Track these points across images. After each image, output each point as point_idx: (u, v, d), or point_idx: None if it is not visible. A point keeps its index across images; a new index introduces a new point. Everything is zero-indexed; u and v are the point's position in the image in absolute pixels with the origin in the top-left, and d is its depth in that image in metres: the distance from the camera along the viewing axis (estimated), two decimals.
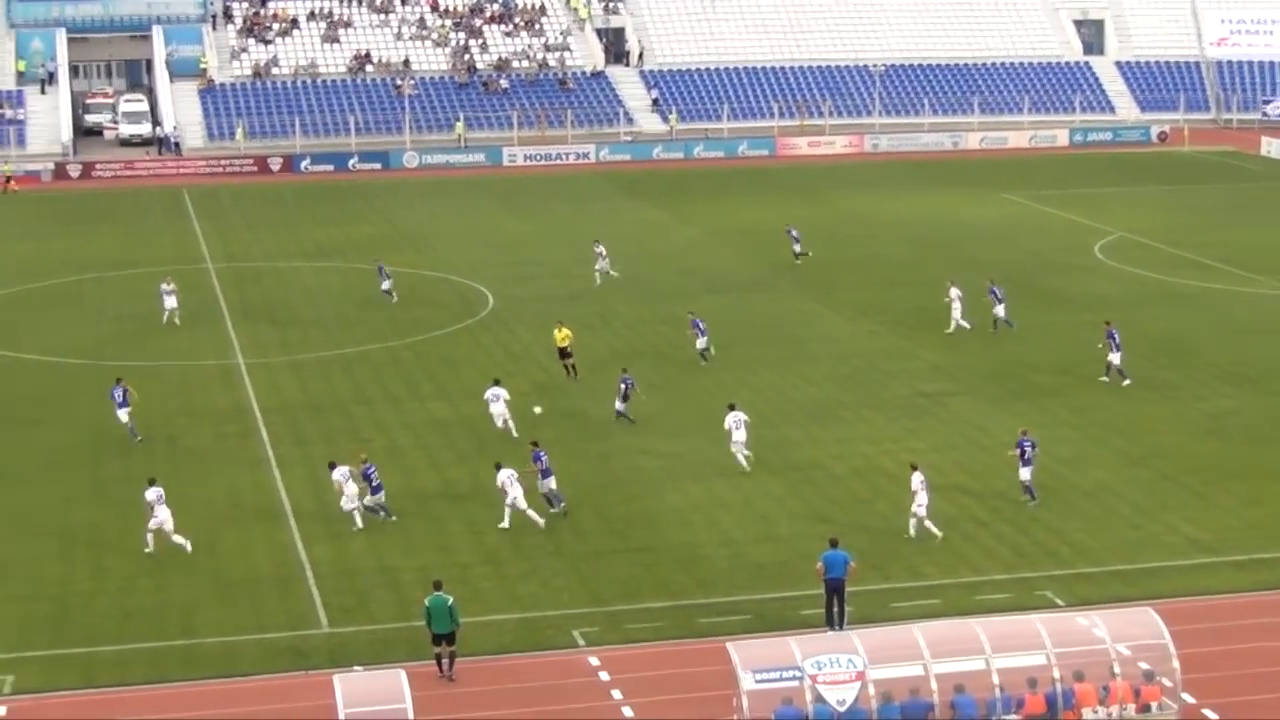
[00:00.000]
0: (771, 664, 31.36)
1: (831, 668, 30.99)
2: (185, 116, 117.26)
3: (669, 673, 35.40)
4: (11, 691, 34.84)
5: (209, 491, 46.45)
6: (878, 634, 33.13)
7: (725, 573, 40.67)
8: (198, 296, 71.20)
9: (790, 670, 31.09)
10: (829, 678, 30.88)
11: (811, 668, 30.94)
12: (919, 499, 41.97)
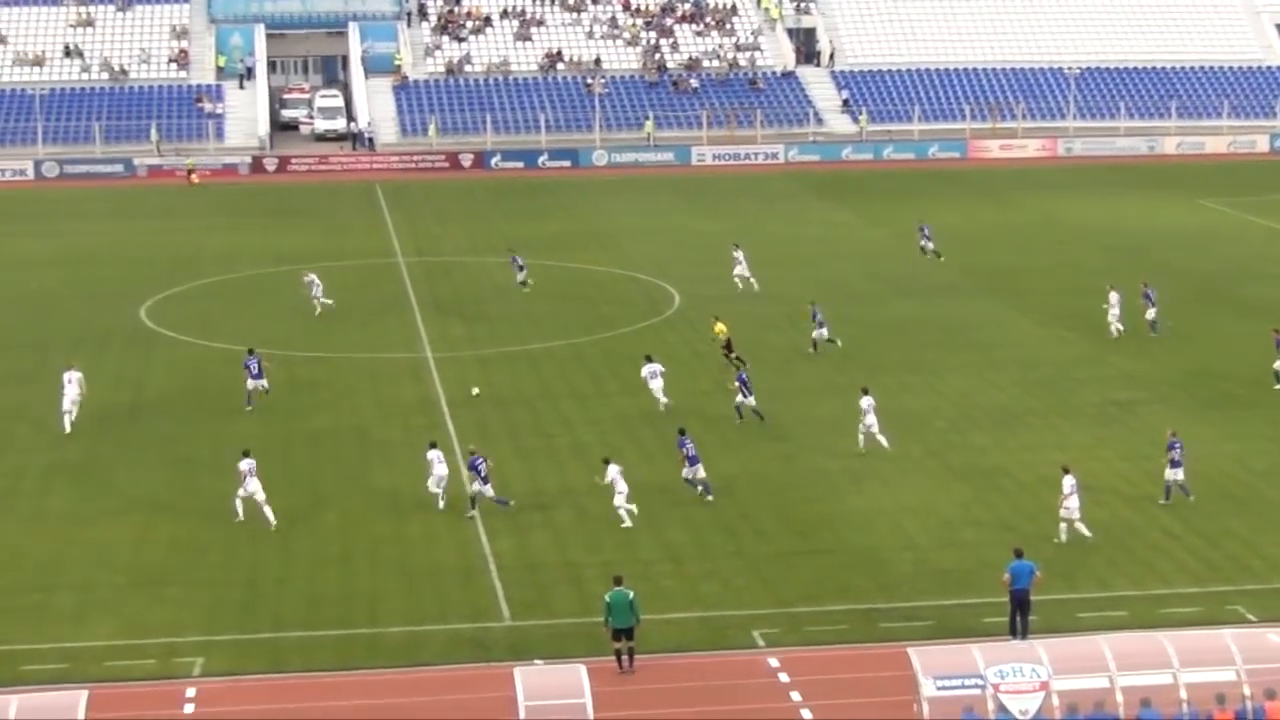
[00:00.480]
0: (953, 671, 31.07)
1: (1015, 677, 30.64)
2: (379, 112, 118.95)
3: (849, 676, 35.24)
4: (201, 674, 35.60)
5: (396, 483, 47.09)
6: (1063, 644, 32.70)
7: (908, 577, 40.39)
8: (388, 290, 72.26)
9: (973, 678, 30.78)
10: (1012, 687, 30.53)
11: (994, 676, 30.63)
12: (1069, 502, 41.75)
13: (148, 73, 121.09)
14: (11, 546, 42.60)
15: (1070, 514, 41.95)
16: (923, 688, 30.84)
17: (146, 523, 44.26)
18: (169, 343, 63.54)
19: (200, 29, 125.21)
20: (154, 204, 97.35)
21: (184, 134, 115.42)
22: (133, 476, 47.93)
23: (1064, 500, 41.99)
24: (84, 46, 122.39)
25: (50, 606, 38.91)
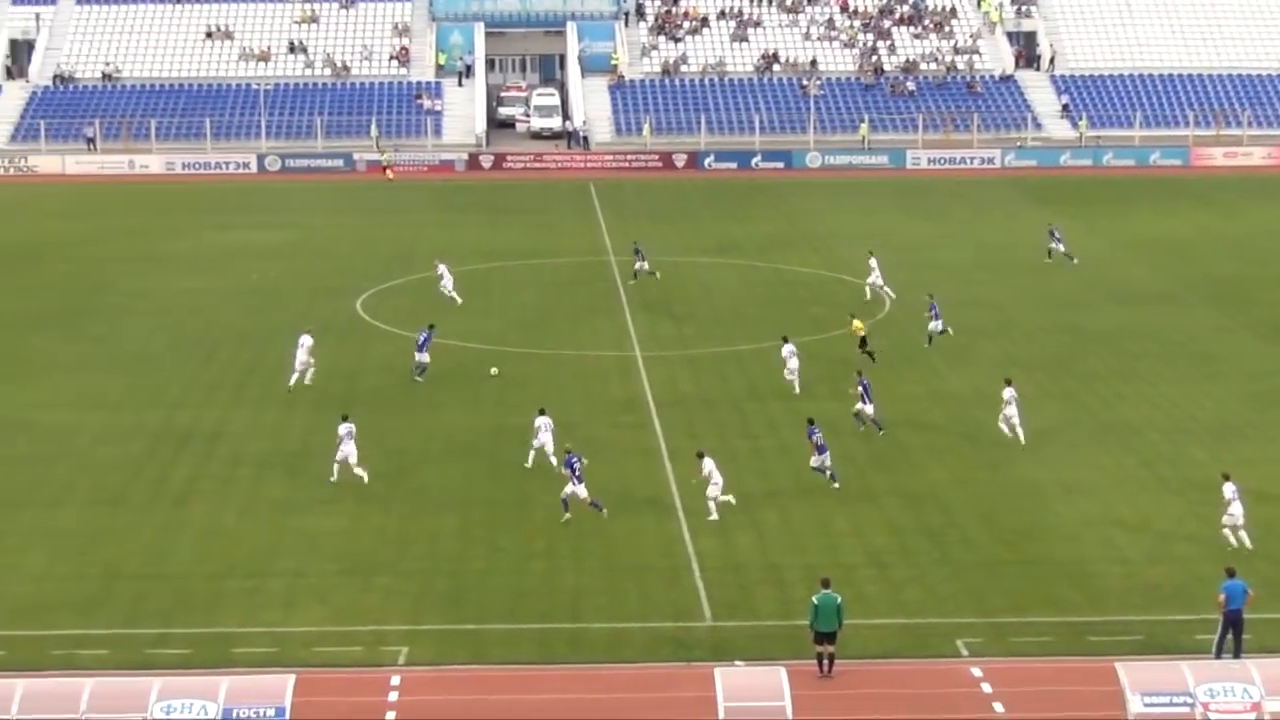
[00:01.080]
0: (1162, 688, 30.55)
1: (1225, 697, 30.04)
2: (594, 111, 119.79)
3: (1054, 689, 34.73)
4: (406, 662, 36.13)
5: (603, 479, 47.30)
6: (1276, 665, 31.92)
7: (1117, 591, 39.70)
8: (598, 288, 72.75)
9: (1181, 696, 30.24)
10: (1222, 707, 29.95)
11: (1204, 695, 30.05)
12: (1232, 509, 41.45)
13: (369, 69, 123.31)
14: (227, 532, 43.62)
15: (1234, 520, 41.54)
16: (1130, 704, 30.37)
17: (357, 512, 45.05)
18: (383, 336, 64.62)
19: (421, 27, 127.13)
20: (372, 199, 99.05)
21: (403, 130, 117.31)
22: (344, 467, 48.75)
23: (1227, 508, 41.64)
24: (308, 43, 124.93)
25: (262, 592, 39.78)
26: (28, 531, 43.74)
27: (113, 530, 43.80)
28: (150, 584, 40.27)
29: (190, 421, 53.21)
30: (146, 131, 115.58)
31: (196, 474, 48.34)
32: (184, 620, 38.13)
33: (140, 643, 36.90)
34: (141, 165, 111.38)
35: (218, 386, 57.39)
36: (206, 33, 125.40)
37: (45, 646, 36.64)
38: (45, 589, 39.99)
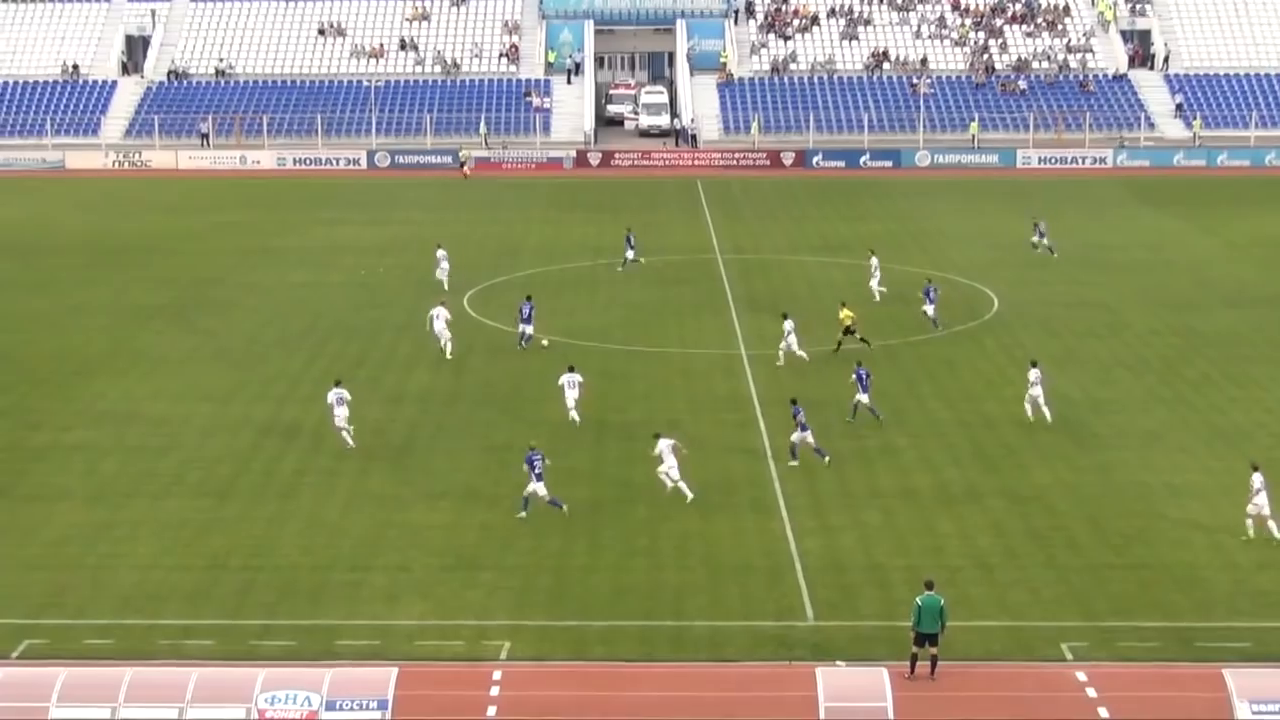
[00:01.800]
0: (1271, 695, 30.11)
1: None
2: (703, 109, 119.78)
3: (1160, 695, 34.31)
4: (508, 658, 36.24)
5: (705, 477, 47.29)
6: None
7: (1226, 597, 39.16)
8: (704, 287, 72.71)
9: None
10: None
11: None
12: (1258, 499, 41.96)
13: (479, 67, 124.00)
14: (332, 525, 43.94)
15: (1259, 510, 41.99)
16: (1237, 710, 29.97)
17: (460, 507, 45.25)
18: (489, 331, 64.88)
19: (531, 24, 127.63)
20: (479, 195, 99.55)
21: (511, 128, 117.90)
22: (449, 462, 49.06)
23: (1252, 497, 42.14)
24: (419, 40, 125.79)
25: (366, 585, 40.03)
26: (136, 521, 44.28)
27: (219, 521, 44.26)
28: (256, 575, 40.65)
29: (297, 415, 53.68)
30: (259, 127, 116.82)
31: (302, 467, 48.74)
32: (288, 612, 38.45)
33: (245, 634, 37.26)
34: (253, 161, 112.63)
35: (325, 381, 57.71)
36: (319, 29, 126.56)
37: (152, 636, 37.09)
38: (153, 579, 40.46)
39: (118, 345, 62.47)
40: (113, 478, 47.89)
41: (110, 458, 49.65)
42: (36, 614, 38.39)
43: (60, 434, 51.86)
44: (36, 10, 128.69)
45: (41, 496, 46.30)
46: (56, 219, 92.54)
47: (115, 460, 49.43)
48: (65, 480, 47.63)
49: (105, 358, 59.27)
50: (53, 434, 51.81)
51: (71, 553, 42.14)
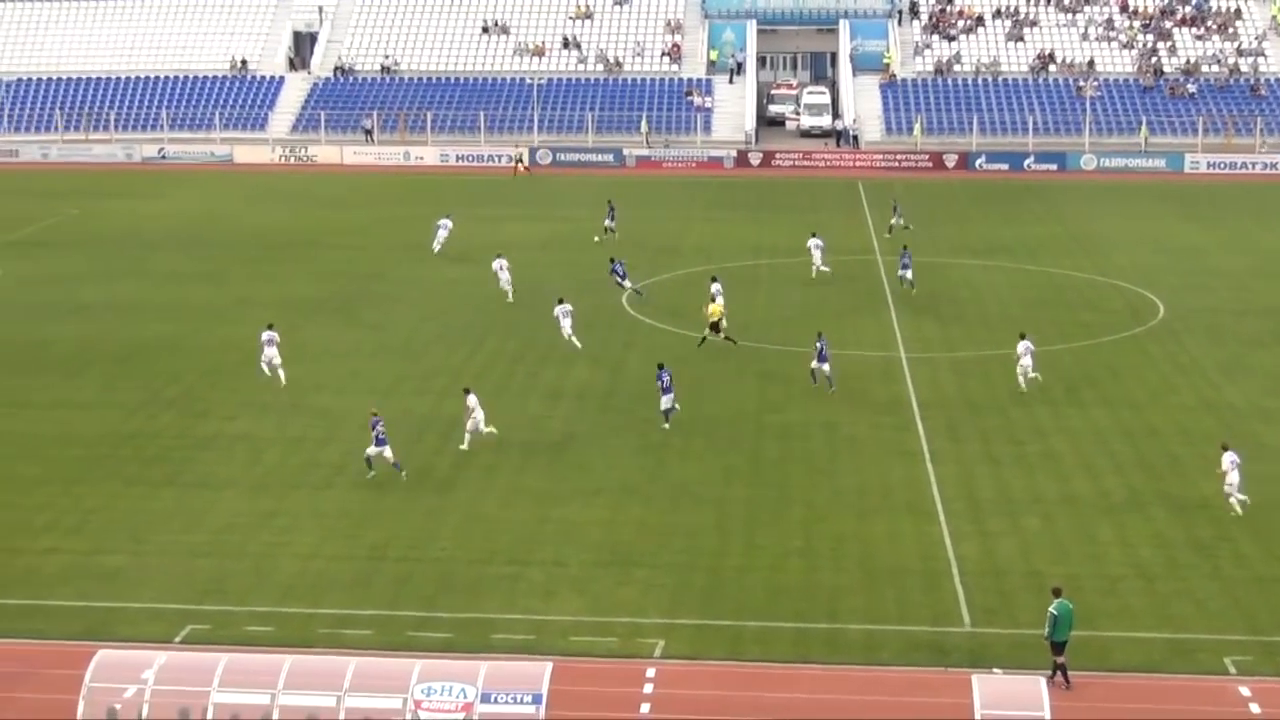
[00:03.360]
0: None
1: None
2: (865, 110, 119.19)
3: None
4: (662, 655, 36.29)
5: (862, 480, 47.10)
6: None
7: None
8: (864, 288, 72.35)
9: None
10: None
11: None
12: (1229, 479, 43.80)
13: (641, 65, 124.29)
14: (490, 519, 44.26)
15: (1231, 490, 43.88)
16: None
17: (617, 504, 45.39)
18: (647, 329, 65.01)
19: (694, 23, 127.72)
20: (641, 193, 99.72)
21: (672, 126, 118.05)
22: (607, 458, 49.22)
23: (1226, 476, 44.01)
24: (581, 38, 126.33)
25: (522, 579, 40.27)
26: (298, 512, 44.92)
27: (379, 513, 44.76)
28: (414, 567, 41.07)
29: (456, 409, 54.03)
30: (422, 124, 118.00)
31: (461, 461, 49.14)
32: (446, 604, 38.80)
33: (403, 624, 37.65)
34: (417, 157, 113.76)
35: (484, 376, 58.24)
36: (483, 27, 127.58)
37: (312, 625, 37.60)
38: (313, 568, 41.02)
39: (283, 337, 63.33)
40: (276, 467, 48.63)
41: (274, 448, 50.42)
42: (200, 600, 39.08)
43: (226, 423, 52.74)
44: (207, 6, 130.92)
45: (207, 484, 47.13)
46: (225, 212, 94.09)
47: (278, 450, 50.19)
48: (230, 469, 48.45)
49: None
50: (218, 423, 52.69)
51: (235, 540, 42.84)
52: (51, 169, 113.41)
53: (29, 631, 37.44)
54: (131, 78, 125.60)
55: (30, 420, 53.38)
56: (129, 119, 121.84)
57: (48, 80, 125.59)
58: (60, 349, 61.81)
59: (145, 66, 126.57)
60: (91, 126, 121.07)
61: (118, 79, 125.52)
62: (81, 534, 43.45)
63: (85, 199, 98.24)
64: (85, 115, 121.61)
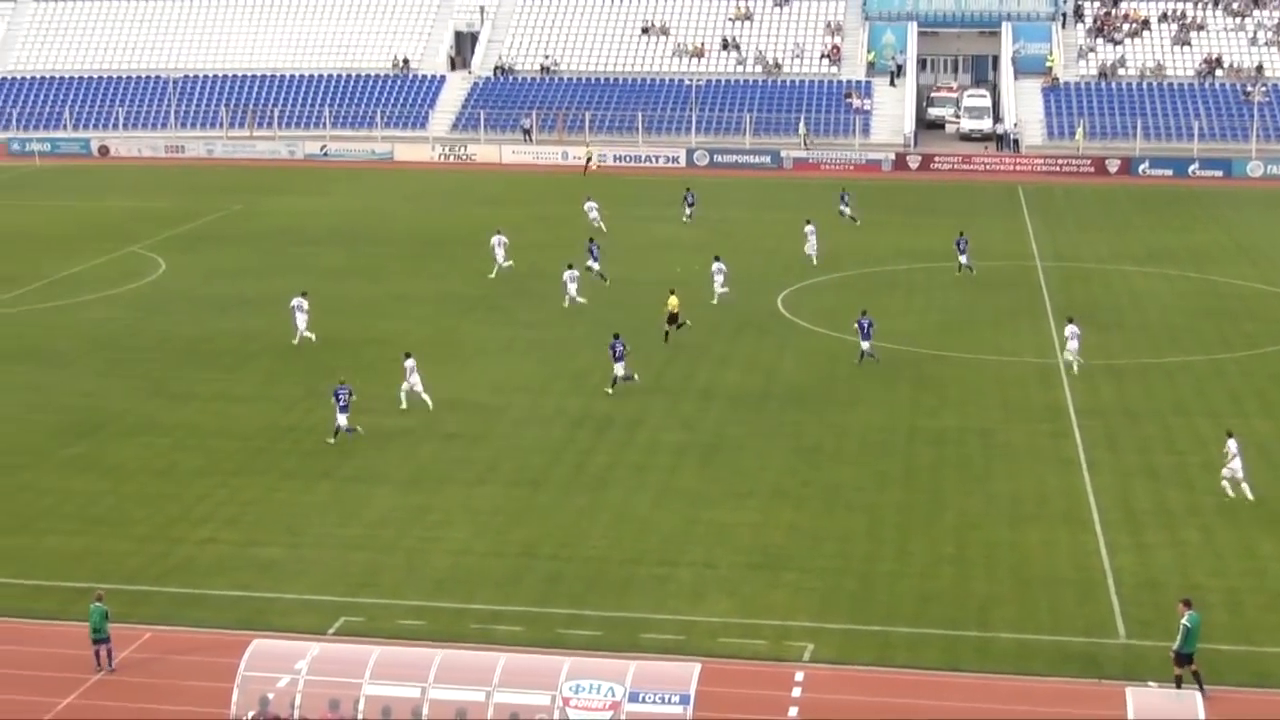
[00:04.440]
0: None
1: None
2: (1026, 114, 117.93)
3: None
4: (810, 659, 36.18)
5: (1016, 488, 46.64)
6: None
7: None
8: (1023, 294, 71.61)
9: None
10: None
11: None
12: (1233, 463, 44.74)
13: (800, 67, 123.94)
14: (641, 519, 44.38)
15: (1234, 474, 44.75)
16: None
17: (768, 507, 45.32)
18: (802, 332, 64.82)
19: (854, 25, 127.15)
20: (797, 196, 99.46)
21: (830, 129, 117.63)
22: (758, 461, 49.15)
23: (1228, 462, 44.87)
24: (741, 40, 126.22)
25: (672, 580, 40.33)
26: (452, 507, 45.33)
27: (531, 510, 45.05)
28: (565, 565, 41.28)
29: (610, 409, 54.35)
30: (581, 124, 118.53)
31: (614, 460, 49.32)
32: (595, 603, 38.95)
33: (553, 622, 37.86)
34: (574, 156, 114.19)
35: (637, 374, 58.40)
36: (642, 28, 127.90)
37: (463, 620, 37.93)
38: (465, 564, 41.37)
39: (439, 334, 63.96)
40: (430, 463, 49.11)
41: (428, 444, 50.91)
42: (354, 592, 39.57)
43: (382, 419, 53.32)
44: (371, 5, 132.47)
45: (362, 479, 47.70)
46: (384, 209, 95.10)
47: (433, 446, 50.67)
48: (385, 464, 49.00)
49: (427, 346, 60.73)
50: (375, 419, 53.27)
51: (389, 535, 43.33)
52: (216, 165, 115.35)
53: (187, 620, 38.14)
54: (296, 76, 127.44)
55: (193, 412, 54.35)
56: (293, 116, 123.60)
57: (214, 78, 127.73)
58: (222, 342, 62.86)
59: (309, 65, 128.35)
60: (256, 123, 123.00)
61: (282, 77, 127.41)
62: (239, 525, 44.18)
63: (248, 195, 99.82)
64: (250, 112, 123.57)
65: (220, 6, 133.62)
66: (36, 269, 76.43)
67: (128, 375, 58.66)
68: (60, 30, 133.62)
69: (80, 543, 42.96)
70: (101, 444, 51.26)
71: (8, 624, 38.10)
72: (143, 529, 43.85)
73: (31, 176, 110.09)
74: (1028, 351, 61.85)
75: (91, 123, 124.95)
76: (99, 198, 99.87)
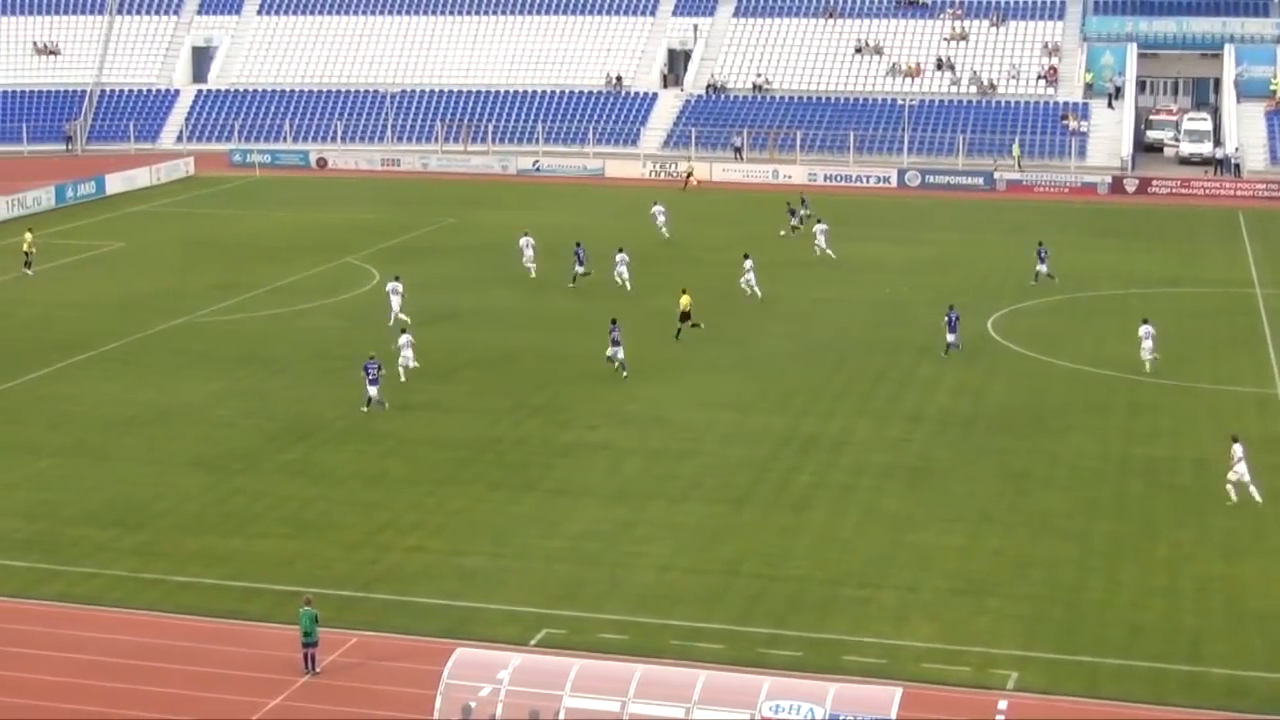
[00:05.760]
0: None
1: None
2: (1249, 138, 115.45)
3: None
4: (1015, 688, 35.70)
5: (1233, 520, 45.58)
6: None
7: None
8: (1241, 322, 70.06)
9: None
10: None
11: None
12: (1239, 467, 46.12)
13: (1015, 88, 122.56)
14: (844, 541, 44.16)
15: (1240, 477, 46.07)
16: None
17: (974, 532, 44.83)
18: (1012, 356, 64.03)
19: (1072, 46, 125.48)
20: (1010, 218, 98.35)
21: (1045, 151, 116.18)
22: (965, 485, 48.65)
23: (1234, 465, 46.19)
24: (955, 60, 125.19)
25: (874, 602, 40.06)
26: (655, 523, 45.47)
27: (734, 529, 45.04)
28: (767, 584, 41.20)
29: (815, 428, 54.17)
30: (791, 143, 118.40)
31: (818, 480, 49.14)
32: (796, 623, 38.82)
33: (753, 641, 37.80)
34: (784, 175, 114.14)
35: (844, 395, 58.18)
36: (856, 48, 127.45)
37: (664, 635, 38.03)
38: (667, 580, 41.47)
39: (646, 350, 64.18)
40: (634, 478, 49.32)
41: (633, 459, 51.15)
42: (555, 604, 39.86)
43: (587, 432, 53.70)
44: (587, 24, 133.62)
45: (567, 491, 48.06)
46: (594, 225, 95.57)
47: (638, 461, 50.89)
48: (589, 477, 49.32)
49: (633, 361, 61.02)
50: (580, 432, 53.68)
51: (591, 548, 43.59)
52: (430, 178, 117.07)
53: (392, 626, 38.71)
54: (511, 92, 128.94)
55: (405, 421, 55.17)
56: (506, 132, 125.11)
57: (430, 93, 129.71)
58: (433, 353, 63.68)
59: (524, 81, 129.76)
60: (470, 138, 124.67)
61: (497, 92, 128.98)
62: (445, 534, 44.76)
63: (461, 208, 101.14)
64: (465, 127, 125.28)
65: (437, 24, 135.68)
66: (256, 277, 78.19)
67: (341, 383, 59.74)
68: (282, 44, 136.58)
69: (292, 547, 43.84)
70: (314, 449, 52.27)
71: (220, 625, 38.98)
72: (352, 535, 44.62)
73: (252, 187, 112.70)
74: (1246, 380, 60.48)
75: (310, 135, 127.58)
76: (316, 209, 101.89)
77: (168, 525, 45.55)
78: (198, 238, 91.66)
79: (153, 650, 37.58)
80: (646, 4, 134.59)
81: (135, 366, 62.89)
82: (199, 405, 57.37)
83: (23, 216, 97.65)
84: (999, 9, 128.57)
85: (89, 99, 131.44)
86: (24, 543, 44.25)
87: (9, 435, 54.16)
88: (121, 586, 41.23)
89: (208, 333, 67.21)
